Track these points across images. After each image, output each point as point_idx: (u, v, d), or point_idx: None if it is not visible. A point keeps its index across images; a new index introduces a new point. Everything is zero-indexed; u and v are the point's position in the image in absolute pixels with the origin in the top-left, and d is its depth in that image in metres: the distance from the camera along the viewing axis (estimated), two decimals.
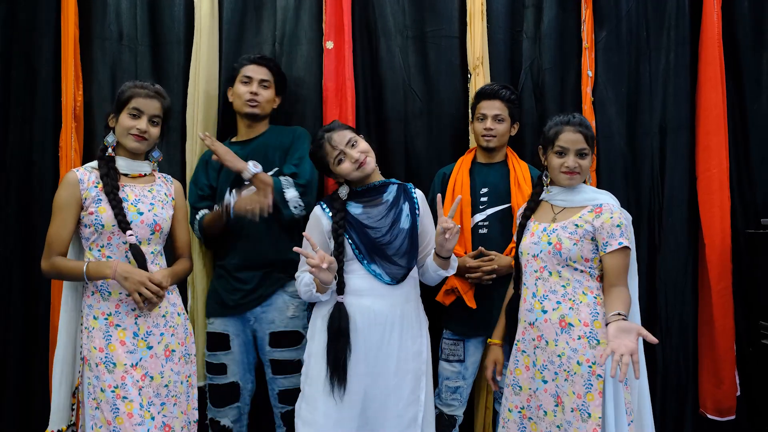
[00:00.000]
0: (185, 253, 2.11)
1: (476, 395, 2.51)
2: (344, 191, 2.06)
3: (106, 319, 1.88)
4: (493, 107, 2.36)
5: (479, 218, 2.35)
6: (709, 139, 2.61)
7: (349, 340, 1.93)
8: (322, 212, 2.05)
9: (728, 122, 2.65)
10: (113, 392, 1.81)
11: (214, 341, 2.32)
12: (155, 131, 1.98)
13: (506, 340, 2.13)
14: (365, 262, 1.99)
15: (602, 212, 1.87)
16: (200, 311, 2.45)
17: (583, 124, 1.96)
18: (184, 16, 2.62)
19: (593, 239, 1.88)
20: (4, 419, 2.56)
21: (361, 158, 2.02)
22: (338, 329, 1.93)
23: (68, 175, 1.94)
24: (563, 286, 1.88)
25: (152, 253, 1.96)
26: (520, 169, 2.39)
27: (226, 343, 2.30)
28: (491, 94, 2.37)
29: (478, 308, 2.28)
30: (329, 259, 1.85)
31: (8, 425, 2.55)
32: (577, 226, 1.89)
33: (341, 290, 1.97)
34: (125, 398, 1.82)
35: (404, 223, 2.03)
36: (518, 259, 2.04)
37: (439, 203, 1.96)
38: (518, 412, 1.95)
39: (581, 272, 1.88)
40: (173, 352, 1.96)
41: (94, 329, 1.87)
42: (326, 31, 2.60)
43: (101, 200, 1.90)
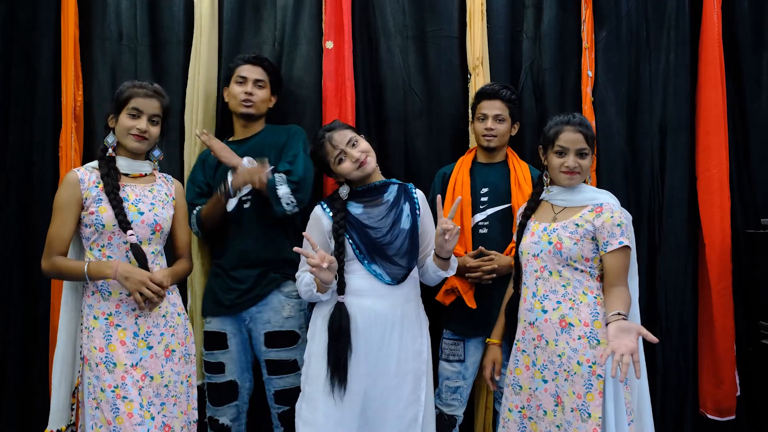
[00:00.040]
0: (185, 253, 2.11)
1: (476, 395, 2.51)
2: (345, 191, 2.06)
3: (106, 319, 1.88)
4: (493, 107, 2.36)
5: (479, 218, 2.35)
6: (709, 139, 2.61)
7: (350, 340, 1.93)
8: (322, 212, 2.05)
9: (728, 122, 2.65)
10: (113, 392, 1.81)
11: (211, 340, 2.32)
12: (155, 130, 1.98)
13: (505, 339, 2.13)
14: (366, 262, 1.99)
15: (603, 212, 1.87)
16: (199, 311, 2.45)
17: (583, 123, 1.96)
18: (184, 16, 2.62)
19: (593, 239, 1.88)
20: (4, 419, 2.56)
21: (361, 158, 2.02)
22: (339, 329, 1.93)
23: (69, 174, 1.94)
24: (563, 285, 1.88)
25: (153, 253, 1.96)
26: (520, 169, 2.39)
27: (223, 342, 2.30)
28: (492, 94, 2.37)
29: (478, 308, 2.28)
30: (329, 258, 1.85)
31: (8, 425, 2.55)
32: (577, 225, 1.89)
33: (342, 290, 1.97)
34: (125, 398, 1.81)
35: (405, 223, 2.03)
36: (518, 258, 2.04)
37: (439, 204, 1.96)
38: (518, 411, 1.95)
39: (581, 272, 1.88)
40: (173, 352, 1.96)
41: (94, 329, 1.87)
42: (326, 31, 2.59)
43: (102, 200, 1.89)
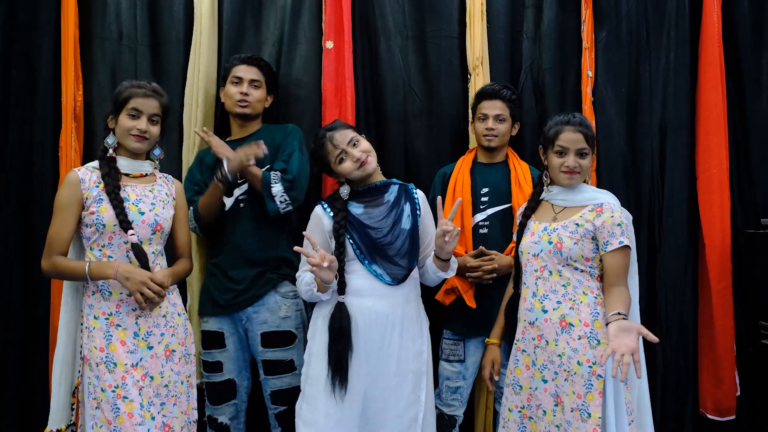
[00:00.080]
0: (185, 253, 2.10)
1: (477, 395, 2.51)
2: (345, 191, 2.06)
3: (106, 318, 1.88)
4: (494, 107, 2.36)
5: (480, 218, 2.35)
6: (709, 139, 2.61)
7: (350, 340, 1.93)
8: (323, 212, 2.05)
9: (728, 122, 2.65)
10: (114, 392, 1.81)
11: (209, 339, 2.32)
12: (155, 130, 1.98)
13: (505, 339, 2.13)
14: (366, 262, 1.99)
15: (603, 211, 1.87)
16: (197, 310, 2.45)
17: (583, 123, 1.96)
18: (183, 16, 2.62)
19: (594, 238, 1.88)
20: (4, 419, 2.56)
21: (362, 157, 2.02)
22: (340, 329, 1.92)
23: (70, 174, 1.94)
24: (563, 285, 1.88)
25: (153, 253, 1.96)
26: (521, 169, 2.39)
27: (221, 341, 2.30)
28: (492, 94, 2.37)
29: (478, 308, 2.28)
30: (330, 258, 1.85)
31: (8, 425, 2.55)
32: (577, 225, 1.89)
33: (342, 290, 1.97)
34: (126, 398, 1.81)
35: (405, 223, 2.03)
36: (518, 258, 2.03)
37: (439, 205, 1.96)
38: (518, 411, 1.95)
39: (581, 272, 1.88)
40: (173, 352, 1.96)
41: (94, 329, 1.87)
42: (326, 30, 2.59)
43: (102, 200, 1.89)
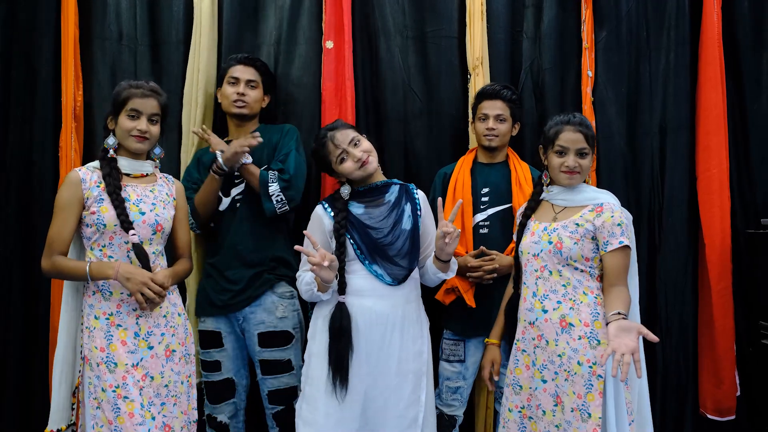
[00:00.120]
0: (185, 253, 2.10)
1: (477, 395, 2.51)
2: (346, 191, 2.06)
3: (107, 318, 1.87)
4: (495, 107, 2.36)
5: (480, 218, 2.35)
6: (709, 139, 2.61)
7: (350, 340, 1.93)
8: (323, 212, 2.05)
9: (728, 122, 2.65)
10: (114, 392, 1.81)
11: (207, 339, 2.32)
12: (156, 129, 1.98)
13: (505, 339, 2.13)
14: (367, 262, 1.99)
15: (603, 211, 1.87)
16: (194, 310, 2.45)
17: (583, 123, 1.96)
18: (183, 16, 2.62)
19: (594, 238, 1.88)
20: (4, 419, 2.56)
21: (363, 157, 2.02)
22: (340, 329, 1.92)
23: (70, 174, 1.94)
24: (564, 285, 1.88)
25: (154, 253, 1.95)
26: (521, 169, 2.39)
27: (219, 340, 2.30)
28: (493, 94, 2.37)
29: (478, 308, 2.28)
30: (330, 257, 1.85)
31: (8, 425, 2.55)
32: (577, 225, 1.89)
33: (342, 290, 1.97)
34: (126, 398, 1.81)
35: (406, 224, 2.03)
36: (518, 258, 2.03)
37: (439, 206, 1.96)
38: (518, 411, 1.95)
39: (581, 272, 1.88)
40: (173, 352, 1.96)
41: (95, 329, 1.87)
42: (326, 30, 2.59)
43: (103, 200, 1.89)
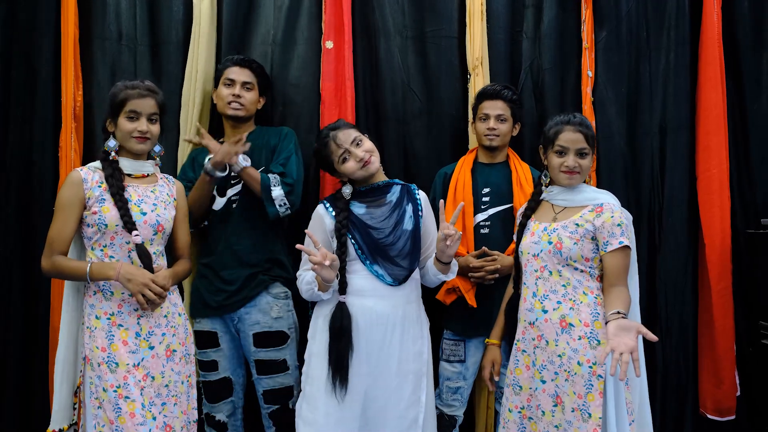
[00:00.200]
0: (185, 253, 2.10)
1: (477, 395, 2.51)
2: (348, 191, 2.06)
3: (108, 318, 1.87)
4: (495, 107, 2.36)
5: (481, 218, 2.35)
6: (709, 139, 2.61)
7: (351, 339, 1.93)
8: (325, 211, 2.05)
9: (728, 122, 2.65)
10: (115, 392, 1.81)
11: (203, 339, 2.31)
12: (156, 128, 1.97)
13: (505, 339, 2.13)
14: (368, 262, 1.99)
15: (603, 211, 1.87)
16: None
17: (583, 123, 1.96)
18: (183, 16, 2.62)
19: (594, 238, 1.88)
20: (4, 419, 2.56)
21: (365, 157, 2.02)
22: (340, 329, 1.93)
23: (72, 174, 1.93)
24: (563, 285, 1.88)
25: (154, 253, 1.95)
26: (521, 169, 2.39)
27: (215, 340, 2.30)
28: (493, 94, 2.37)
29: (478, 308, 2.28)
30: (331, 256, 1.85)
31: (8, 425, 2.55)
32: (577, 225, 1.89)
33: (343, 290, 1.97)
34: (127, 398, 1.81)
35: (407, 224, 2.03)
36: (518, 258, 2.03)
37: (441, 208, 1.96)
38: (518, 412, 1.95)
39: (581, 272, 1.88)
40: (174, 352, 1.96)
41: (96, 329, 1.87)
42: (326, 30, 2.59)
43: (105, 200, 1.89)
